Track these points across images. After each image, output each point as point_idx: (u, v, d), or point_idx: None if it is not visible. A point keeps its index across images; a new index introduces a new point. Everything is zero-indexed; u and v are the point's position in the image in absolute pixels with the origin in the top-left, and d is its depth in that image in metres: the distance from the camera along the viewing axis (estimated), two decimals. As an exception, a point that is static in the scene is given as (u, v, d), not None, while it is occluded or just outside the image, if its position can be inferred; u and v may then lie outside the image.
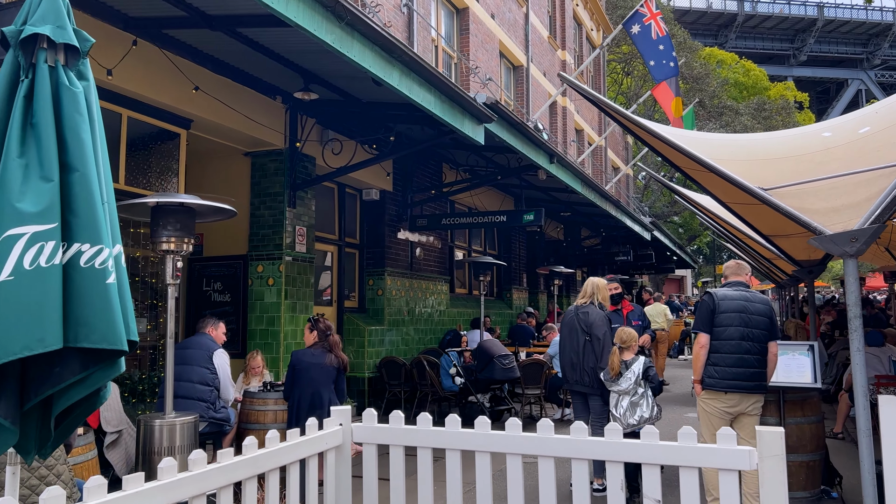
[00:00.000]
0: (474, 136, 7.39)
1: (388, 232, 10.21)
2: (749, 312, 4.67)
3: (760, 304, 4.74)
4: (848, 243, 4.56)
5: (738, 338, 4.61)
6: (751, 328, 4.63)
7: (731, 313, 4.66)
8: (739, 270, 4.99)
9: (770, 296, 32.26)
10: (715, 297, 4.74)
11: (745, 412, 4.65)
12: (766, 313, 4.71)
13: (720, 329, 4.67)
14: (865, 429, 4.50)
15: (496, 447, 3.18)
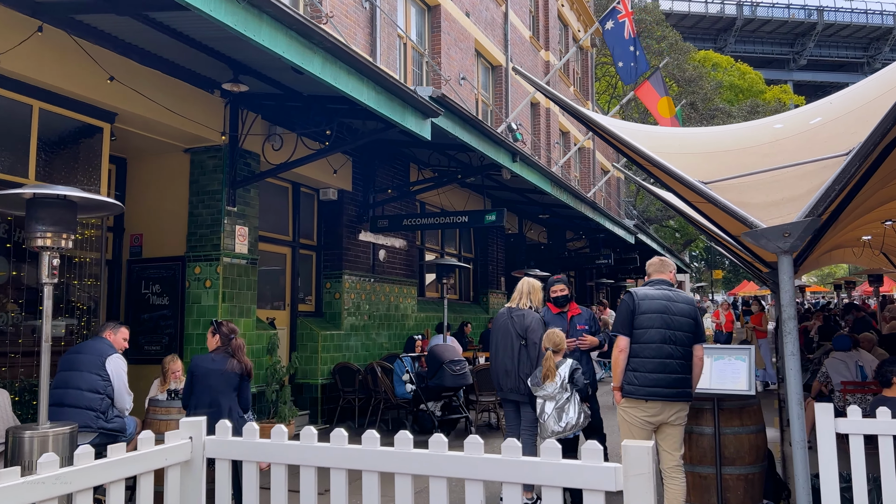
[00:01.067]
0: (419, 131, 7.05)
1: (346, 233, 9.86)
2: (672, 313, 4.29)
3: (684, 303, 4.37)
4: (781, 238, 4.21)
5: (658, 341, 4.23)
6: (673, 330, 4.25)
7: (652, 314, 4.29)
8: (663, 268, 4.62)
9: (769, 301, 31.79)
10: (635, 297, 4.37)
11: (667, 422, 4.27)
12: (689, 314, 4.34)
13: (640, 331, 4.29)
14: (800, 440, 4.14)
15: (354, 463, 2.82)
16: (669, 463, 4.29)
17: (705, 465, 4.69)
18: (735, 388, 4.43)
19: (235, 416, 4.56)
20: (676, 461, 4.27)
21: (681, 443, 4.31)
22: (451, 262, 10.24)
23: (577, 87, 23.12)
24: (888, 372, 4.97)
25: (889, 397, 4.92)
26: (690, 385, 4.29)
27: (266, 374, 7.88)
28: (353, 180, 10.02)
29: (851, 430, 4.11)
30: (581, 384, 4.76)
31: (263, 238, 8.88)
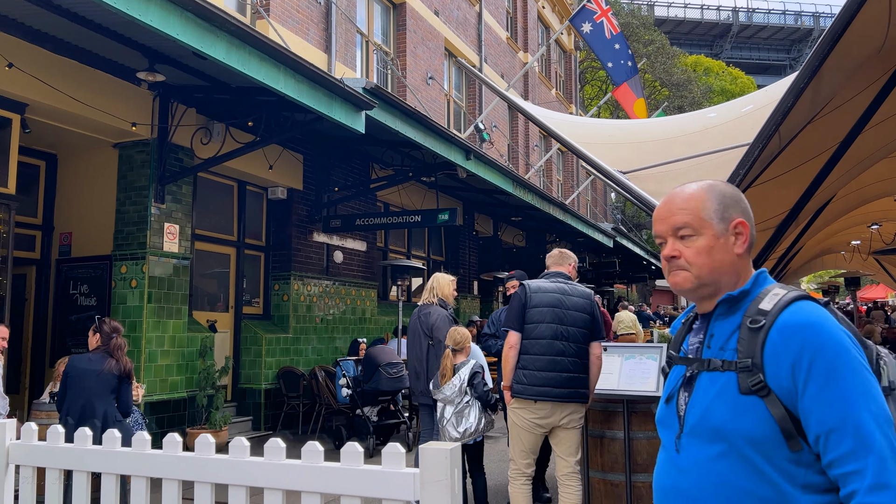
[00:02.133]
0: (350, 124, 6.77)
1: (296, 233, 9.57)
2: (565, 307, 3.98)
3: (579, 297, 4.06)
4: None
5: (549, 337, 3.93)
6: (566, 326, 3.94)
7: (543, 308, 3.98)
8: (562, 260, 4.32)
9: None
10: (527, 289, 4.07)
11: (559, 425, 3.96)
12: (585, 308, 4.03)
13: (531, 326, 3.98)
14: None
15: (155, 470, 2.52)
16: (564, 469, 3.99)
17: (616, 472, 4.36)
18: (643, 389, 4.12)
19: (112, 420, 4.26)
20: (571, 467, 3.97)
21: (576, 447, 4.00)
22: (406, 264, 9.95)
23: (560, 89, 22.87)
24: None
25: None
26: (586, 385, 3.98)
27: (199, 378, 7.59)
28: (304, 179, 9.74)
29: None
30: (480, 390, 4.43)
31: (204, 237, 8.60)
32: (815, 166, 7.81)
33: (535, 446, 4.01)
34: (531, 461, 3.99)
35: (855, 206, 13.53)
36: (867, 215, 16.11)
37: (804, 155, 7.56)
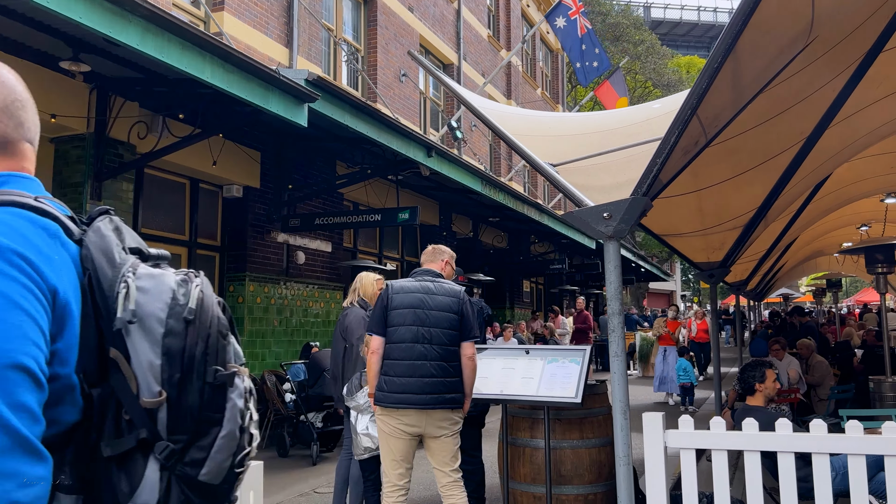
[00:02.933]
0: (291, 117, 6.47)
1: (252, 233, 9.27)
2: (427, 308, 3.73)
3: (445, 296, 3.79)
4: (601, 221, 3.62)
5: (409, 340, 3.68)
6: (428, 327, 3.70)
7: (404, 310, 3.73)
8: (434, 256, 4.06)
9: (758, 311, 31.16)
10: (389, 290, 3.83)
11: (428, 433, 3.70)
12: (451, 308, 3.77)
13: (391, 329, 3.74)
14: (623, 455, 3.54)
15: None
16: (443, 480, 3.72)
17: (539, 484, 4.07)
18: (562, 395, 3.82)
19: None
20: (450, 477, 3.70)
21: (452, 456, 3.74)
22: (370, 265, 9.66)
23: (546, 89, 22.58)
24: (750, 378, 4.36)
25: (753, 406, 4.31)
26: (456, 389, 3.72)
27: (140, 382, 7.28)
28: (261, 177, 9.45)
29: (681, 443, 3.53)
30: None
31: (152, 237, 8.30)
32: (783, 162, 7.51)
33: (407, 454, 3.73)
34: (404, 471, 3.71)
35: (837, 206, 13.23)
36: (856, 216, 15.82)
37: (769, 151, 7.27)
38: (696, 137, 3.60)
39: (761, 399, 4.32)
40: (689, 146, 3.61)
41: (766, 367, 4.40)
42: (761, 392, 4.31)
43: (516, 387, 3.96)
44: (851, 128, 7.50)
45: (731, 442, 3.47)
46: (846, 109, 6.89)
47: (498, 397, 3.95)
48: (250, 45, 9.42)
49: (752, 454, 3.42)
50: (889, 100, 7.42)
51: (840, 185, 11.72)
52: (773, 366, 4.59)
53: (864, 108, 7.36)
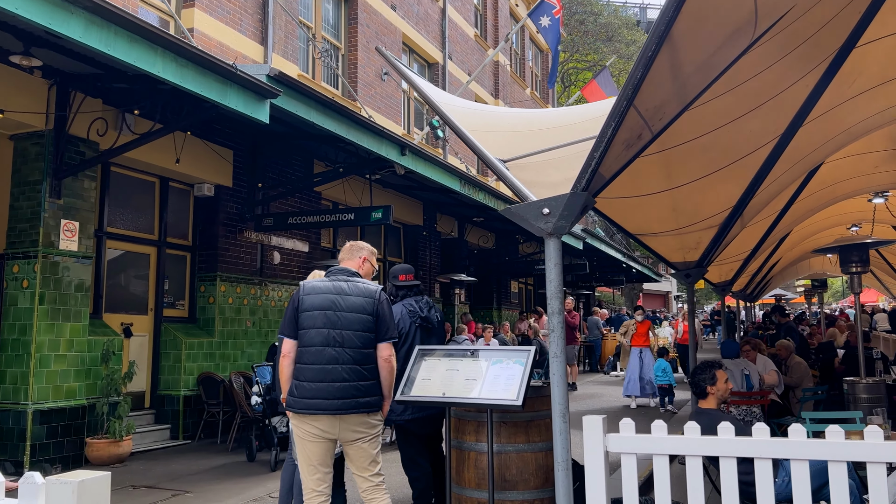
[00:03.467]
0: (251, 113, 6.35)
1: (224, 232, 9.14)
2: (339, 309, 3.59)
3: (359, 296, 3.64)
4: (540, 217, 3.52)
5: (319, 343, 3.54)
6: (340, 329, 3.56)
7: (314, 312, 3.59)
8: (351, 254, 3.92)
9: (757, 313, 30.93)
10: (300, 292, 3.69)
11: (345, 439, 3.57)
12: (364, 309, 3.62)
13: (302, 332, 3.60)
14: (562, 461, 3.44)
15: None
16: (362, 485, 3.61)
17: (484, 490, 3.93)
18: (504, 398, 3.69)
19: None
20: (370, 482, 3.58)
21: (371, 461, 3.61)
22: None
23: (536, 89, 22.46)
24: (700, 381, 4.22)
25: (706, 409, 4.18)
26: (372, 393, 3.59)
27: (103, 384, 7.16)
28: (234, 175, 9.31)
29: (623, 448, 3.41)
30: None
31: (119, 236, 8.18)
32: (757, 160, 7.39)
33: (325, 458, 3.59)
34: (322, 476, 3.58)
35: (822, 205, 13.10)
36: (845, 216, 15.71)
37: (742, 149, 7.14)
38: (637, 130, 3.47)
39: (713, 402, 4.19)
40: (630, 139, 3.48)
41: (715, 369, 4.27)
42: (713, 395, 4.18)
43: (458, 389, 3.82)
44: (827, 126, 7.38)
45: (673, 446, 3.35)
46: (820, 107, 6.77)
47: (439, 400, 3.82)
48: (222, 42, 9.30)
49: (694, 459, 3.30)
50: (864, 97, 7.29)
51: (824, 185, 11.59)
52: (724, 367, 4.45)
53: (839, 106, 7.24)
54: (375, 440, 3.66)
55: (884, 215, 15.12)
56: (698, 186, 7.43)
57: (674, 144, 7.08)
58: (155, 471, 6.65)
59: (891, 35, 6.28)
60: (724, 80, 5.76)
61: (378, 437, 3.68)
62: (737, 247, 12.45)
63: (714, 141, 6.84)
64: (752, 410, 6.38)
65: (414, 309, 4.72)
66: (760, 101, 6.33)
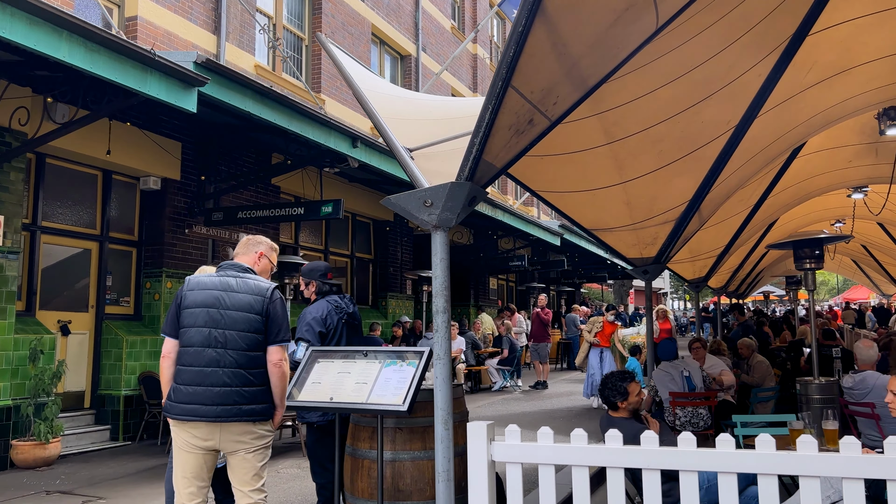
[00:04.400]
0: (176, 102, 6.08)
1: (170, 227, 8.86)
2: (224, 307, 3.29)
3: (248, 294, 3.34)
4: (422, 208, 3.27)
5: (199, 343, 3.25)
6: (223, 329, 3.26)
7: (196, 309, 3.30)
8: (247, 248, 3.61)
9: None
10: (184, 287, 3.41)
11: (225, 449, 3.28)
12: (252, 307, 3.32)
13: (182, 331, 3.31)
14: (444, 471, 3.22)
15: None
16: (241, 501, 3.29)
17: (376, 500, 3.68)
18: (391, 402, 3.42)
19: None
20: (249, 499, 3.27)
21: (253, 475, 3.30)
22: (293, 260, 9.27)
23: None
24: (610, 396, 3.96)
25: (617, 418, 3.92)
26: (261, 400, 3.29)
27: (31, 384, 6.90)
28: (182, 168, 9.04)
29: (508, 457, 3.16)
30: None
31: (55, 231, 7.90)
32: (712, 152, 7.12)
33: (200, 471, 3.29)
34: (196, 490, 3.28)
35: (797, 201, 12.86)
36: (827, 212, 15.48)
37: (695, 140, 6.88)
38: (526, 115, 3.20)
39: (625, 413, 3.94)
40: (519, 125, 3.21)
41: (627, 383, 3.98)
42: (624, 408, 3.93)
43: (347, 393, 3.56)
44: (785, 116, 7.11)
45: (561, 456, 3.10)
46: (776, 96, 6.50)
47: (326, 405, 3.56)
48: (170, 31, 9.02)
49: (580, 469, 3.05)
50: (822, 87, 7.02)
51: (798, 180, 11.34)
52: (636, 379, 4.16)
53: (797, 95, 6.98)
54: (261, 452, 3.35)
55: (863, 211, 14.87)
56: (652, 180, 7.17)
57: (622, 136, 6.83)
58: (80, 475, 6.39)
59: (844, 22, 6.00)
60: (661, 68, 5.50)
61: (266, 449, 3.39)
62: (709, 243, 12.22)
63: (665, 132, 6.58)
64: (697, 412, 6.13)
65: (340, 305, 4.47)
66: (711, 90, 6.07)
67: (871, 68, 6.61)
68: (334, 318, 4.31)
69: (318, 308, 4.32)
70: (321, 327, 4.21)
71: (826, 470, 2.61)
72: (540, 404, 10.96)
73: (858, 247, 20.87)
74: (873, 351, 5.14)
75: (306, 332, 4.15)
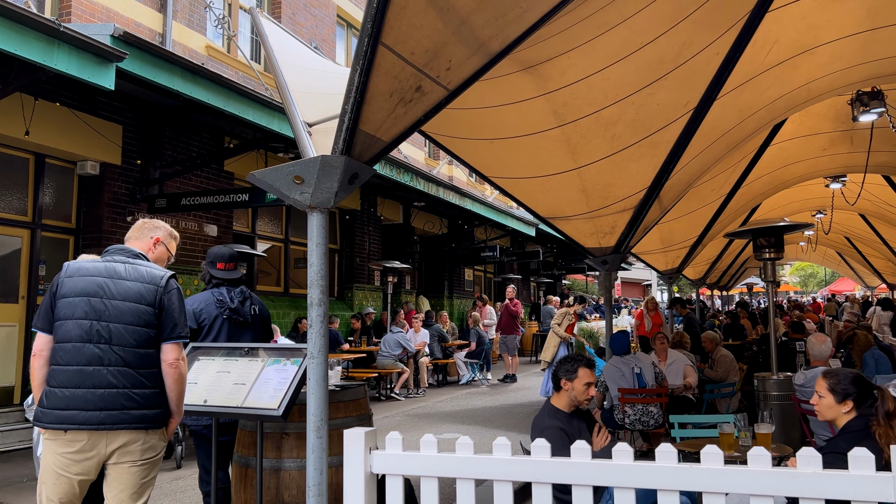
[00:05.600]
0: (90, 78, 5.68)
1: (110, 214, 8.44)
2: (108, 296, 2.84)
3: (138, 282, 2.90)
4: (293, 186, 2.91)
5: (77, 338, 2.79)
6: (108, 322, 2.81)
7: (74, 298, 2.84)
8: (141, 233, 3.16)
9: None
10: (61, 274, 2.93)
11: (109, 461, 2.81)
12: (142, 297, 2.88)
13: (59, 324, 2.84)
14: (315, 485, 2.87)
15: None
16: None
17: (258, 514, 3.31)
18: (266, 406, 3.05)
19: None
20: None
21: (135, 491, 2.83)
22: (241, 250, 8.87)
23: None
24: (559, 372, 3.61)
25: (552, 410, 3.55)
26: (152, 404, 2.84)
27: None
28: (123, 152, 8.61)
29: (389, 468, 2.80)
30: None
31: (-20, 217, 7.48)
32: (670, 136, 6.74)
33: (69, 496, 2.80)
34: None
35: (773, 190, 12.52)
36: (807, 202, 15.18)
37: (651, 124, 6.50)
38: (410, 80, 2.81)
39: (565, 398, 3.56)
40: (404, 92, 2.82)
41: (580, 365, 3.64)
42: (566, 391, 3.56)
43: (223, 395, 3.19)
44: (746, 99, 6.74)
45: (445, 468, 2.74)
46: (736, 77, 6.12)
47: (198, 409, 3.19)
48: (110, 7, 8.56)
49: (465, 482, 2.69)
50: (785, 67, 6.64)
51: (772, 168, 11.00)
52: (594, 365, 3.82)
53: (757, 77, 6.60)
54: (148, 466, 2.88)
55: (843, 201, 14.58)
56: (607, 165, 6.80)
57: (572, 119, 6.43)
58: (-7, 476, 6.01)
59: (804, -1, 5.65)
60: (608, 45, 5.09)
61: (155, 462, 2.92)
62: (682, 233, 11.86)
63: (618, 115, 6.19)
64: (648, 410, 5.79)
65: (223, 298, 4.06)
66: (665, 70, 5.68)
67: (835, 48, 6.26)
68: (212, 312, 3.91)
69: (195, 300, 3.93)
70: (190, 322, 3.80)
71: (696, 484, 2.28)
72: (503, 399, 10.63)
73: (842, 238, 20.65)
74: (826, 346, 4.81)
75: None
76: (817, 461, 2.18)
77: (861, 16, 5.71)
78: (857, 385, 2.74)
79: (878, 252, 19.61)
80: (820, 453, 2.20)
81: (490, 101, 5.78)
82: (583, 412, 3.71)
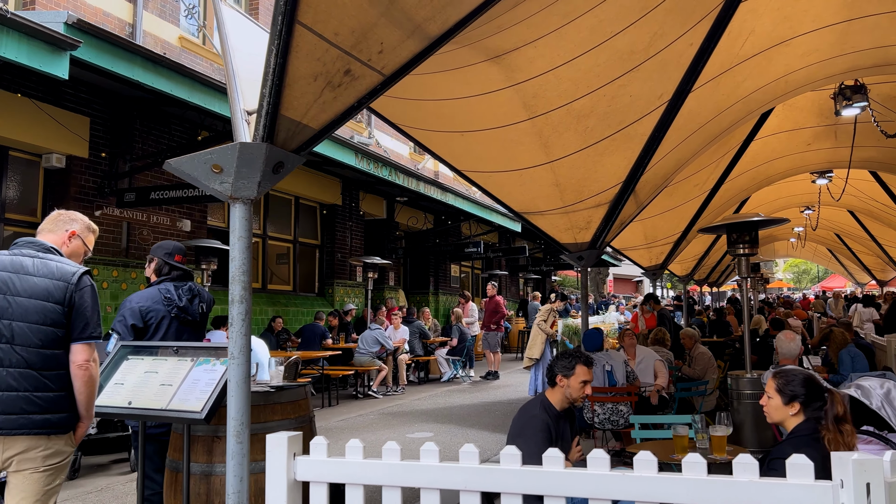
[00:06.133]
0: (41, 67, 5.49)
1: (75, 208, 8.14)
2: (12, 293, 2.68)
3: (46, 278, 2.74)
4: (212, 175, 2.75)
5: None
6: (10, 320, 2.65)
7: None
8: (55, 225, 2.97)
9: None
10: None
11: (8, 467, 2.65)
12: (50, 294, 2.71)
13: None
14: (234, 493, 2.69)
15: None
16: None
17: (189, 522, 3.15)
18: (190, 408, 2.89)
19: None
20: None
21: (41, 498, 2.66)
22: (209, 244, 8.70)
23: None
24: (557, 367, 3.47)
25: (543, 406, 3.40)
26: (57, 408, 2.69)
27: None
28: (91, 145, 8.41)
29: (313, 475, 2.64)
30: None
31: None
32: (644, 129, 6.60)
33: None
34: None
35: (758, 185, 12.38)
36: (794, 198, 15.05)
37: (624, 117, 6.36)
38: (338, 63, 2.64)
39: (559, 395, 3.41)
40: (330, 74, 2.65)
41: (579, 362, 3.47)
42: (561, 387, 3.40)
43: (148, 397, 3.02)
44: (722, 91, 6.59)
45: (373, 475, 2.59)
46: (711, 69, 5.97)
47: (123, 411, 3.03)
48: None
49: (391, 490, 2.54)
50: (761, 59, 6.48)
51: (756, 163, 10.86)
52: (593, 363, 3.65)
53: (733, 68, 6.44)
54: (52, 473, 2.72)
55: (829, 198, 14.47)
56: (580, 159, 6.64)
57: (543, 111, 6.26)
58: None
59: (779, -14, 5.51)
60: (575, 34, 4.92)
61: (60, 469, 2.76)
62: (666, 229, 11.72)
63: (590, 107, 6.02)
64: (618, 409, 5.65)
65: (171, 296, 3.90)
66: (637, 61, 5.53)
67: (811, 39, 6.11)
68: (159, 310, 3.75)
69: (141, 296, 3.76)
70: (136, 320, 3.64)
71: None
72: (483, 396, 10.48)
73: (832, 235, 20.56)
74: (794, 344, 4.68)
75: (118, 324, 3.60)
76: (754, 469, 2.04)
77: (837, 5, 5.56)
78: (805, 386, 2.59)
79: (868, 249, 19.54)
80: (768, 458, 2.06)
81: (459, 91, 5.62)
82: (572, 415, 3.57)
